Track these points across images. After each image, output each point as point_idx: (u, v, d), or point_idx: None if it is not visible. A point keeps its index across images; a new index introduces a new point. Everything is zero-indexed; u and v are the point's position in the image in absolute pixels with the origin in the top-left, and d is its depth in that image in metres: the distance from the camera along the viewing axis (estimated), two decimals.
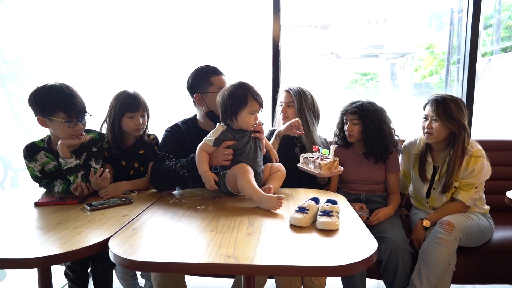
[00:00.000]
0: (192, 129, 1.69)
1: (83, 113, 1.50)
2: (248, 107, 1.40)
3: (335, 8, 6.95)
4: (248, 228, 1.09)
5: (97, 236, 1.05)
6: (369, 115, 1.77)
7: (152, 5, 3.59)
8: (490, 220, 1.78)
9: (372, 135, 1.77)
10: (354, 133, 1.81)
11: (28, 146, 1.56)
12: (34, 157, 1.54)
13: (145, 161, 1.71)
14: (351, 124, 1.81)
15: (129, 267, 0.94)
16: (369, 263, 0.90)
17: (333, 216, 1.10)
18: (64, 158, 1.50)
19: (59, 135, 1.49)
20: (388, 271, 1.63)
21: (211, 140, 1.43)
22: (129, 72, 3.40)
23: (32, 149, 1.55)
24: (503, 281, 1.80)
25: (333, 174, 1.54)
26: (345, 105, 1.89)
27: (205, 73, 1.66)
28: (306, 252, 0.94)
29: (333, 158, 1.54)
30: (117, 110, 1.63)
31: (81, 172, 1.52)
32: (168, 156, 1.57)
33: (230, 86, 1.45)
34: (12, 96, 2.06)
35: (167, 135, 1.67)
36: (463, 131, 1.69)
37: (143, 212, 1.29)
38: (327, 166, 1.51)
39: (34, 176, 1.59)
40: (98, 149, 1.61)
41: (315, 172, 1.54)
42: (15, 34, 2.10)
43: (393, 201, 1.86)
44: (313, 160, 1.56)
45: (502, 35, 6.08)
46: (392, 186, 1.89)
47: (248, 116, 1.42)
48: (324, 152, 1.57)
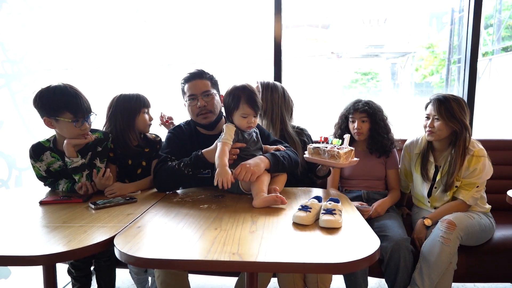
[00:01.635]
0: (194, 131, 1.70)
1: (89, 113, 1.52)
2: (239, 109, 1.44)
3: (336, 8, 6.95)
4: (251, 226, 1.11)
5: (102, 234, 1.06)
6: (377, 112, 1.87)
7: (153, 5, 3.61)
8: (491, 219, 1.79)
9: (381, 131, 1.87)
10: (364, 131, 1.87)
11: (34, 146, 1.57)
12: (40, 157, 1.56)
13: (152, 159, 1.73)
14: (359, 122, 1.86)
15: (134, 264, 0.95)
16: (372, 260, 0.91)
17: (336, 214, 1.12)
18: (70, 158, 1.52)
19: (66, 135, 1.51)
20: (389, 269, 1.64)
21: (230, 139, 1.42)
22: (130, 71, 3.41)
23: (38, 149, 1.56)
24: (504, 280, 1.81)
25: (351, 164, 1.51)
26: (348, 105, 1.93)
27: (183, 81, 1.66)
28: (309, 249, 0.95)
29: (350, 148, 1.51)
30: (128, 110, 1.65)
31: (86, 172, 1.53)
32: (170, 157, 1.57)
33: (232, 87, 1.48)
34: (16, 96, 2.07)
35: (170, 137, 1.67)
36: (465, 130, 1.70)
37: (147, 210, 1.30)
38: (346, 155, 1.46)
39: (39, 176, 1.60)
40: (103, 148, 1.63)
41: (331, 163, 1.49)
42: (19, 35, 2.11)
43: (391, 195, 1.91)
44: (329, 150, 1.49)
45: (502, 34, 6.08)
46: (392, 182, 1.94)
47: (240, 119, 1.45)
48: (336, 142, 1.52)
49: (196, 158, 1.48)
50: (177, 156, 1.57)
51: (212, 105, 1.62)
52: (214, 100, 1.63)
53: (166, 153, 1.59)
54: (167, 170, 1.51)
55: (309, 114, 2.83)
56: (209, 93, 1.62)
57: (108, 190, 1.52)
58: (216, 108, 1.64)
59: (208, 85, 1.63)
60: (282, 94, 1.87)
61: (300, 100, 1.99)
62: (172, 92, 1.82)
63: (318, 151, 1.54)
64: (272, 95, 1.85)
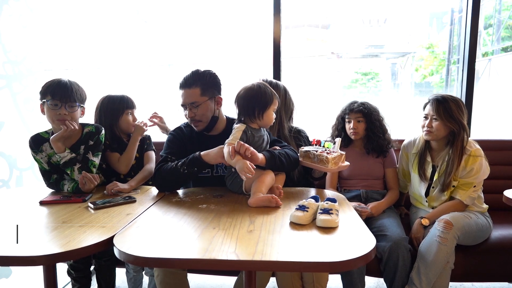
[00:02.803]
0: (194, 132, 1.71)
1: (71, 101, 1.55)
2: (273, 104, 1.50)
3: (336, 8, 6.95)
4: (249, 226, 1.12)
5: (102, 234, 1.07)
6: (372, 112, 1.90)
7: (153, 5, 3.62)
8: (489, 218, 1.80)
9: (376, 131, 1.90)
10: (359, 130, 1.90)
11: (33, 137, 1.62)
12: (40, 147, 1.60)
13: (144, 151, 1.85)
14: (355, 122, 1.90)
15: (133, 263, 0.97)
16: (368, 259, 0.92)
17: (333, 214, 1.13)
18: (58, 153, 1.54)
19: (48, 120, 1.57)
20: (388, 269, 1.65)
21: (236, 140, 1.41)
22: (131, 72, 3.42)
23: (37, 140, 1.61)
24: (501, 279, 1.82)
25: (340, 169, 1.49)
26: (344, 106, 1.98)
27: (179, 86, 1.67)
28: (306, 248, 0.96)
29: (340, 152, 1.49)
30: (111, 110, 1.76)
31: (77, 166, 1.56)
32: (171, 158, 1.58)
33: (255, 86, 1.49)
34: (17, 97, 2.09)
35: (171, 138, 1.68)
36: (463, 130, 1.71)
37: (146, 210, 1.31)
38: (334, 161, 1.44)
39: (43, 170, 1.63)
40: (95, 142, 1.64)
41: (320, 167, 1.47)
42: (20, 36, 2.12)
43: (388, 195, 1.93)
44: (318, 154, 1.47)
45: (502, 35, 6.08)
46: (390, 181, 1.96)
47: (271, 113, 1.51)
48: (327, 146, 1.51)
49: (194, 159, 1.49)
50: (178, 156, 1.58)
51: (200, 115, 1.60)
52: (203, 110, 1.59)
53: (167, 154, 1.61)
54: (165, 170, 1.53)
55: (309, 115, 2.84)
56: (197, 104, 1.58)
57: (111, 186, 1.56)
58: (205, 116, 1.61)
59: (197, 93, 1.58)
60: (283, 95, 1.84)
61: (300, 101, 1.99)
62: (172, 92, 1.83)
63: (308, 154, 1.54)
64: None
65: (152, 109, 2.14)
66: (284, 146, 1.60)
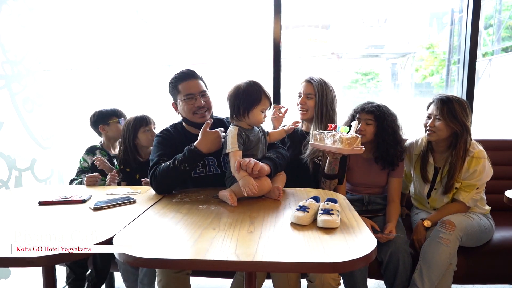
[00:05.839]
0: (181, 132, 1.70)
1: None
2: (260, 104, 1.46)
3: (336, 8, 6.94)
4: (249, 226, 1.11)
5: (102, 235, 1.06)
6: (386, 117, 1.73)
7: (153, 5, 3.61)
8: (491, 220, 1.79)
9: (387, 138, 1.72)
10: (367, 133, 1.74)
11: (89, 147, 2.06)
12: (94, 152, 2.04)
13: None
14: (364, 123, 1.74)
15: (133, 264, 0.96)
16: (368, 260, 0.91)
17: (334, 214, 1.12)
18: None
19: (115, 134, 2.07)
20: (388, 272, 1.65)
21: (235, 146, 1.41)
22: (130, 72, 3.41)
23: (92, 148, 2.05)
24: (503, 281, 1.81)
25: (354, 152, 1.42)
26: (359, 104, 1.84)
27: (176, 80, 1.66)
28: (307, 249, 0.95)
29: (355, 135, 1.43)
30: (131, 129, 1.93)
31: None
32: (163, 159, 1.55)
33: (243, 84, 1.48)
34: (16, 97, 2.08)
35: (159, 140, 1.65)
36: (466, 132, 1.69)
37: (145, 211, 1.30)
38: (349, 141, 1.37)
39: (81, 168, 2.00)
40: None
41: (332, 148, 1.42)
42: (19, 36, 2.12)
43: (393, 211, 1.77)
44: (332, 134, 1.42)
45: (502, 35, 6.07)
46: (393, 192, 1.81)
47: (259, 114, 1.47)
48: (343, 130, 1.45)
49: (190, 152, 1.48)
50: (170, 157, 1.54)
51: (209, 104, 1.68)
52: (210, 99, 1.69)
53: (158, 156, 1.56)
54: (162, 171, 1.48)
55: None
56: (206, 93, 1.68)
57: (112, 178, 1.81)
58: (211, 106, 1.70)
59: (203, 85, 1.69)
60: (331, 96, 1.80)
61: None
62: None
63: (322, 136, 1.51)
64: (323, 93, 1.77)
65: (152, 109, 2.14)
66: (277, 147, 1.65)
